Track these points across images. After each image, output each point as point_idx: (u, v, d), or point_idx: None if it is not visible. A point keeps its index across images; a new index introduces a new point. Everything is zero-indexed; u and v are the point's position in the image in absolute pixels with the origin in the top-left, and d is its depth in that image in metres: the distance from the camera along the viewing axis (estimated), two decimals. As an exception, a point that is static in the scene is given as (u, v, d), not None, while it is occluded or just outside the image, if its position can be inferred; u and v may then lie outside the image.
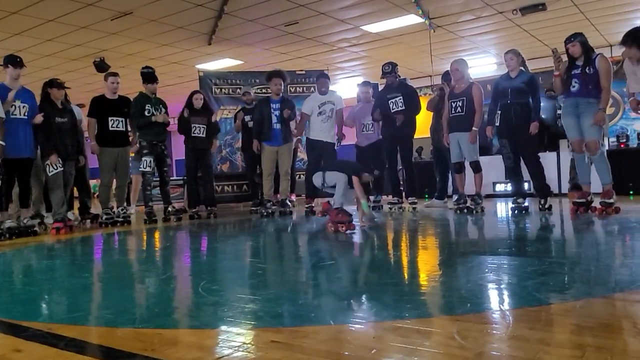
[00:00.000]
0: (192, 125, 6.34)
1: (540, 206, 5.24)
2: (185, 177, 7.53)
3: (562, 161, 7.13)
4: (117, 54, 9.95)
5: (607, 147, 4.93)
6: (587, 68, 4.64)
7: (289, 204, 6.23)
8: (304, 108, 6.37)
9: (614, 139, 7.58)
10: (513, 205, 5.33)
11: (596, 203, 4.78)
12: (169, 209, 6.23)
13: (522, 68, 5.37)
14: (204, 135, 6.41)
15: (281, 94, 6.27)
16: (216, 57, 10.66)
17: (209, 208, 6.56)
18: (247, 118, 6.91)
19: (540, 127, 5.39)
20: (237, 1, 7.85)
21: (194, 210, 6.46)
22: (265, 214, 6.05)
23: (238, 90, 8.86)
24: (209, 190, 6.62)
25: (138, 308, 2.13)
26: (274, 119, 6.13)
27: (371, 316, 1.78)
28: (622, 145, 7.48)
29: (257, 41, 9.81)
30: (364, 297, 2.10)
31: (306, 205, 6.21)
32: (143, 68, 6.16)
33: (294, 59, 10.97)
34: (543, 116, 6.18)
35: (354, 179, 4.48)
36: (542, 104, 5.46)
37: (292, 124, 6.47)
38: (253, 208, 6.88)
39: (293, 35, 9.56)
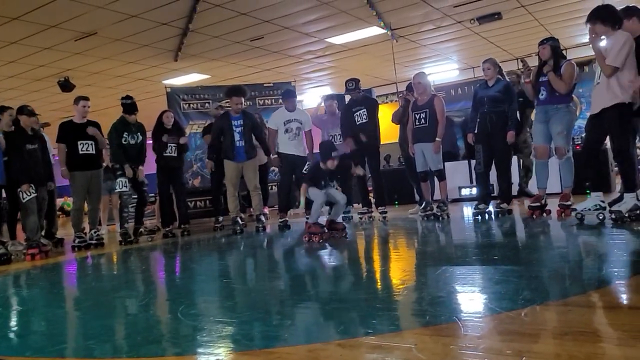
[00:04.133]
0: (166, 144, 6.41)
1: (501, 209, 5.49)
2: (157, 195, 7.56)
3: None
4: (82, 72, 9.92)
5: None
6: (555, 73, 4.82)
7: (263, 218, 6.32)
8: (269, 124, 6.45)
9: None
10: (475, 211, 5.58)
11: (551, 205, 5.06)
12: (141, 229, 6.28)
13: (500, 76, 5.61)
14: (175, 154, 6.49)
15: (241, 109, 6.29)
16: (183, 72, 10.72)
17: (182, 226, 6.62)
18: None
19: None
20: (202, 19, 7.96)
21: (167, 229, 6.52)
22: (239, 230, 6.14)
23: (207, 104, 8.94)
24: (183, 208, 6.69)
25: (119, 337, 2.23)
26: (237, 136, 6.14)
27: (339, 334, 1.94)
28: (577, 147, 7.82)
29: (223, 56, 9.93)
30: (333, 315, 2.26)
31: (280, 220, 6.31)
32: (122, 98, 6.18)
33: (261, 71, 11.12)
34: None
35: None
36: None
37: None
38: (216, 225, 6.93)
39: (259, 49, 9.72)
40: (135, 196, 6.19)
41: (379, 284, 2.97)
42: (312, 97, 13.05)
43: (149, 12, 7.49)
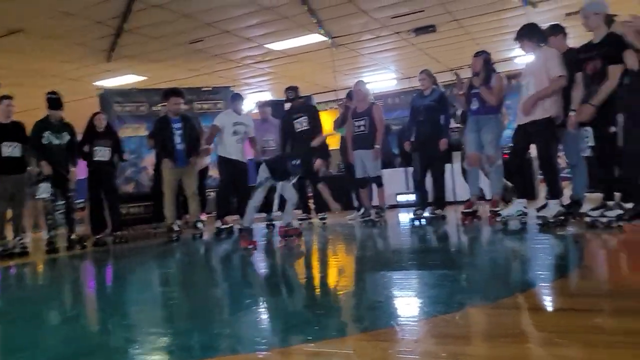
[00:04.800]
0: (95, 148, 6.13)
1: (435, 215, 5.66)
2: (87, 200, 7.19)
3: (455, 172, 7.70)
4: (9, 71, 9.30)
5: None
6: (485, 85, 5.04)
7: (200, 225, 6.16)
8: (216, 121, 6.24)
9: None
10: (413, 216, 5.73)
11: (483, 211, 5.29)
12: (72, 236, 5.95)
13: (435, 86, 5.78)
14: (107, 159, 6.21)
15: (180, 113, 6.14)
16: (118, 74, 10.32)
17: (115, 233, 6.35)
18: None
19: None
20: (138, 19, 7.71)
21: (98, 236, 6.22)
22: (175, 237, 5.96)
23: (142, 107, 8.63)
24: (115, 214, 6.41)
25: (45, 351, 2.10)
26: (177, 139, 5.99)
27: (279, 342, 1.92)
28: (504, 156, 8.22)
29: (160, 58, 9.66)
30: (272, 322, 2.23)
31: (219, 226, 6.16)
32: (48, 93, 5.84)
33: (200, 75, 10.90)
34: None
35: None
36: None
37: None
38: (150, 231, 6.71)
39: (198, 52, 9.54)
40: (61, 202, 5.86)
41: (317, 290, 2.97)
42: (251, 102, 12.95)
43: (80, 10, 7.16)
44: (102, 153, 6.15)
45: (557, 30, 4.67)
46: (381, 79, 12.92)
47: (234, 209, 6.35)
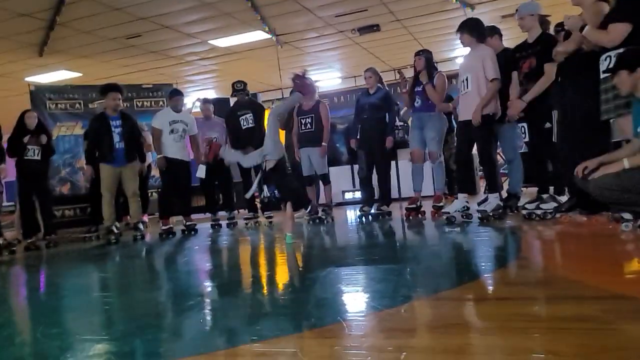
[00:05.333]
0: (26, 146, 5.77)
1: (381, 211, 5.73)
2: (17, 203, 6.77)
3: (400, 169, 7.82)
4: None
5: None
6: (429, 84, 5.12)
7: (141, 227, 5.93)
8: (154, 123, 6.05)
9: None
10: (360, 213, 5.77)
11: (427, 207, 5.40)
12: (0, 242, 5.57)
13: (380, 85, 5.83)
14: (39, 158, 5.86)
15: (119, 110, 5.87)
16: (50, 69, 9.79)
17: (47, 237, 6.00)
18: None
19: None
20: (72, 12, 7.35)
21: (29, 240, 5.86)
22: (114, 240, 5.70)
23: (77, 104, 8.23)
24: (48, 218, 6.06)
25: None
26: (116, 137, 5.73)
27: (222, 343, 1.85)
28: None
29: (96, 53, 9.25)
30: (217, 324, 2.16)
31: (163, 227, 5.95)
32: None
33: (139, 71, 10.54)
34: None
35: None
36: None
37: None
38: (87, 235, 6.39)
39: (136, 47, 9.21)
40: None
41: (263, 289, 2.91)
42: (192, 100, 12.67)
43: (8, 1, 6.72)
44: (32, 152, 5.80)
45: (494, 31, 4.86)
46: (326, 78, 12.97)
47: (177, 210, 6.17)
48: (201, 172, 6.14)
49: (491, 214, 4.41)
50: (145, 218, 6.39)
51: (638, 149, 2.77)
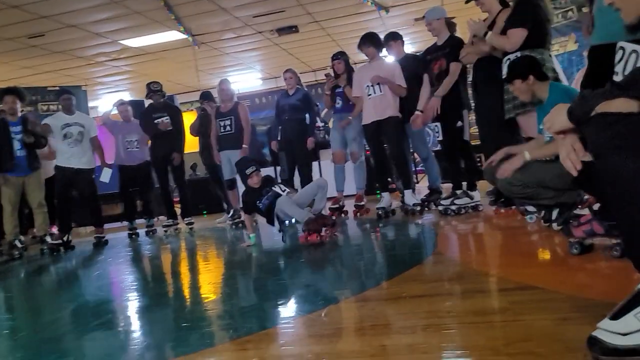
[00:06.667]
0: None
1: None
2: None
3: (322, 169, 7.88)
4: None
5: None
6: (349, 85, 5.19)
7: (49, 239, 5.50)
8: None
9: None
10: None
11: (349, 206, 5.47)
12: None
13: (299, 86, 5.81)
14: None
15: (19, 114, 5.40)
16: (-61, 72, 8.90)
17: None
18: None
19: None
20: (-39, 8, 6.70)
21: None
22: (17, 255, 5.26)
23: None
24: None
25: None
26: (16, 145, 5.26)
27: (152, 357, 1.76)
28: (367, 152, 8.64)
29: (-7, 54, 8.51)
30: (133, 340, 2.04)
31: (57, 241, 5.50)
32: None
33: (42, 73, 9.83)
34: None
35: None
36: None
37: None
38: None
39: (39, 47, 8.56)
40: None
41: (186, 299, 2.80)
42: (108, 103, 12.04)
43: None
44: None
45: (397, 37, 5.18)
46: (246, 79, 12.82)
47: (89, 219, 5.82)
48: (106, 176, 5.83)
49: (409, 209, 4.60)
50: (54, 229, 5.94)
51: (540, 145, 2.95)
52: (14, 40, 8.03)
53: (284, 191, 3.92)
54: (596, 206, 2.43)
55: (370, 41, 4.84)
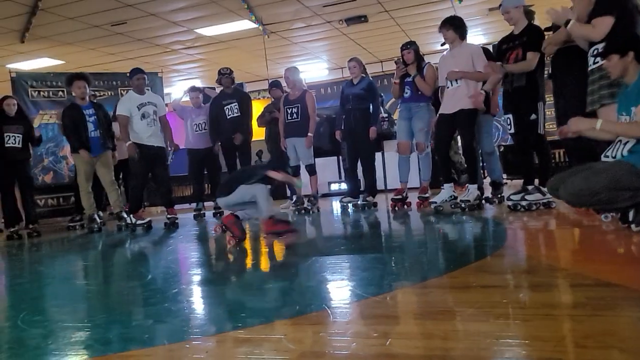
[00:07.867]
0: (5, 134, 5.66)
1: (367, 202, 5.72)
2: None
3: (386, 161, 7.83)
4: None
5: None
6: (420, 75, 5.12)
7: (125, 216, 5.82)
8: (119, 110, 5.64)
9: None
10: (342, 204, 5.76)
11: (412, 198, 5.41)
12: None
13: (364, 75, 5.79)
14: (20, 146, 5.76)
15: (87, 98, 5.73)
16: (32, 56, 9.58)
17: (30, 226, 5.91)
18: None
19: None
20: (54, -3, 7.18)
21: (12, 229, 5.76)
22: (96, 228, 5.63)
23: (60, 92, 8.09)
24: (30, 206, 5.97)
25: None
26: (91, 126, 5.61)
27: (206, 330, 1.83)
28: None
29: (79, 40, 9.06)
30: (198, 312, 2.14)
31: (134, 222, 5.72)
32: None
33: (124, 60, 10.36)
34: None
35: (274, 174, 3.71)
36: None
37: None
38: (71, 224, 6.33)
39: (121, 35, 9.03)
40: None
41: (249, 277, 2.89)
42: (181, 89, 12.53)
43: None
44: (13, 140, 5.69)
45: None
46: (313, 69, 12.90)
47: (159, 201, 6.09)
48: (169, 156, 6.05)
49: (474, 204, 4.47)
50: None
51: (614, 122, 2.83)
52: (100, 28, 8.52)
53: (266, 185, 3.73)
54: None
55: (450, 25, 4.58)
